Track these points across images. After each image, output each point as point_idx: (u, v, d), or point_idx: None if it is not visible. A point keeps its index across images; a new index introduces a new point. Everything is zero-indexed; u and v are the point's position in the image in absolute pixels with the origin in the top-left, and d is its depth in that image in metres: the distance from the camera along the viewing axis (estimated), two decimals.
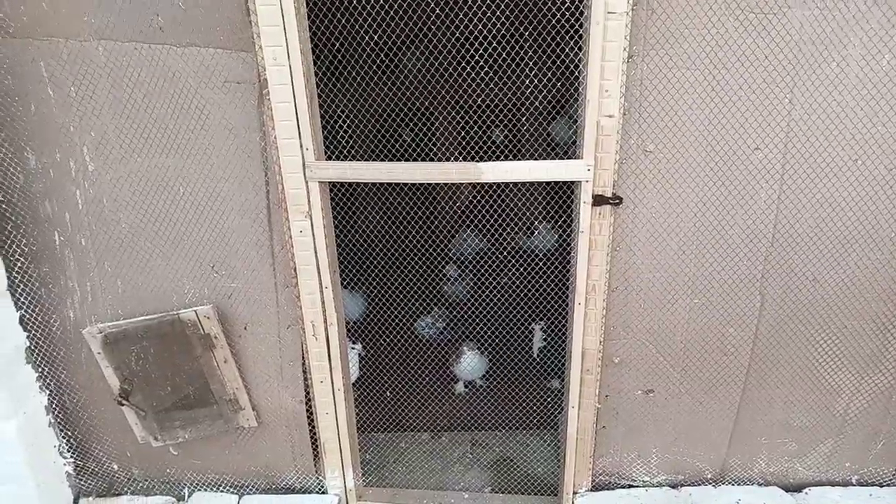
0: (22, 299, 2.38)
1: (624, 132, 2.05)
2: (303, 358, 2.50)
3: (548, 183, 3.83)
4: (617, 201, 2.13)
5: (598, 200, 2.12)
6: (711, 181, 2.12)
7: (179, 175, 2.20)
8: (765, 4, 1.90)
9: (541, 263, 3.89)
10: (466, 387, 3.71)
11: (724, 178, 2.11)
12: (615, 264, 2.26)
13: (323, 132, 2.14)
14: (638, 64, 1.98)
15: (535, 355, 3.70)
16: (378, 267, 3.47)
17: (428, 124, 3.71)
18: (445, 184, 4.84)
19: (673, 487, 2.72)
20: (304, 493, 2.78)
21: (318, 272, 2.29)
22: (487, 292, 4.00)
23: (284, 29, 1.90)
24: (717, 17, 1.91)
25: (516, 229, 4.79)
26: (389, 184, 4.36)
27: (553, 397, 3.25)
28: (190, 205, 2.25)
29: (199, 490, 2.79)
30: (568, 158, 2.10)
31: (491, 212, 4.24)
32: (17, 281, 2.34)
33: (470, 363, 3.59)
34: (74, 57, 2.07)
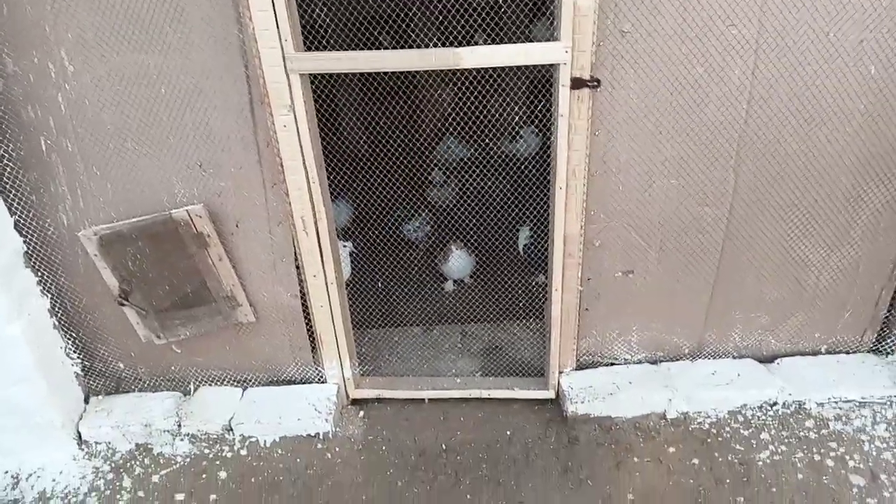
0: (15, 205, 2.39)
1: (601, 13, 2.03)
2: (295, 254, 2.55)
3: (530, 77, 3.80)
4: (595, 84, 2.14)
5: (577, 83, 2.13)
6: (687, 59, 2.13)
7: (160, 72, 2.18)
8: None
9: (525, 165, 3.92)
10: (455, 284, 3.80)
11: (699, 56, 2.12)
12: (594, 148, 2.29)
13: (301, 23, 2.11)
14: None
15: (520, 252, 3.77)
16: (363, 174, 3.48)
17: (407, 21, 3.63)
18: (427, 90, 4.78)
19: (653, 364, 2.86)
20: (304, 383, 2.90)
21: (305, 167, 2.31)
22: (472, 197, 4.04)
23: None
24: None
25: (500, 134, 4.77)
26: (371, 84, 4.31)
27: (539, 290, 3.34)
28: (173, 102, 2.24)
29: (203, 385, 2.90)
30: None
31: (474, 116, 4.21)
32: (7, 187, 2.35)
33: (457, 263, 3.66)
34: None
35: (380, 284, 3.66)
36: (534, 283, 3.63)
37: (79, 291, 2.63)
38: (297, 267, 2.60)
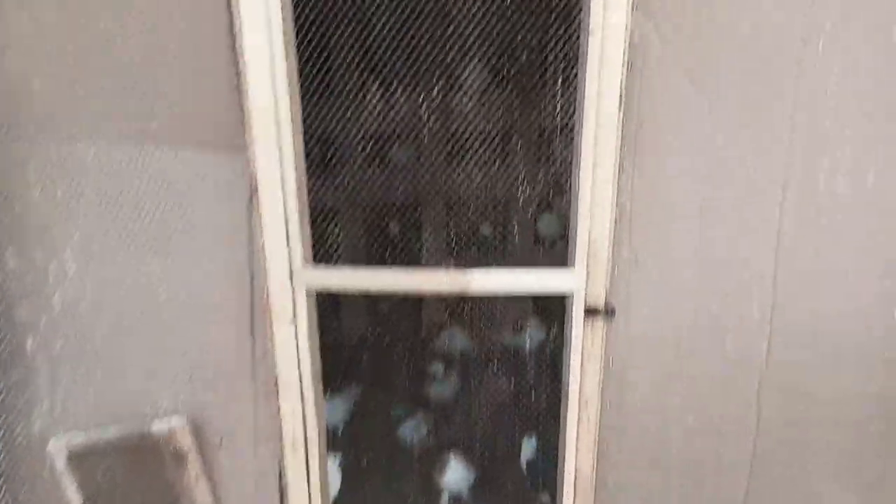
0: None
1: (615, 241, 1.99)
2: (280, 475, 2.31)
3: None
4: (610, 313, 2.04)
5: (591, 312, 2.04)
6: (704, 293, 2.06)
7: (163, 278, 2.11)
8: (753, 119, 1.90)
9: (529, 363, 3.75)
10: (452, 500, 3.47)
11: (717, 290, 2.05)
12: (608, 379, 2.14)
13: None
14: (628, 174, 1.95)
15: (523, 468, 3.49)
16: (361, 364, 3.31)
17: (415, 218, 3.66)
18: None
19: None
20: None
21: (301, 384, 2.15)
22: (473, 395, 3.83)
23: (279, 135, 1.87)
24: (707, 130, 1.91)
25: (502, 326, 4.65)
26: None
27: None
28: (171, 309, 2.14)
29: None
30: (560, 266, 2.03)
31: (476, 308, 4.12)
32: None
33: (455, 474, 3.37)
34: (65, 158, 2.02)
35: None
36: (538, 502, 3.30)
37: None
38: (281, 490, 2.34)
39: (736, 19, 1.80)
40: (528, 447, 3.58)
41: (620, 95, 1.84)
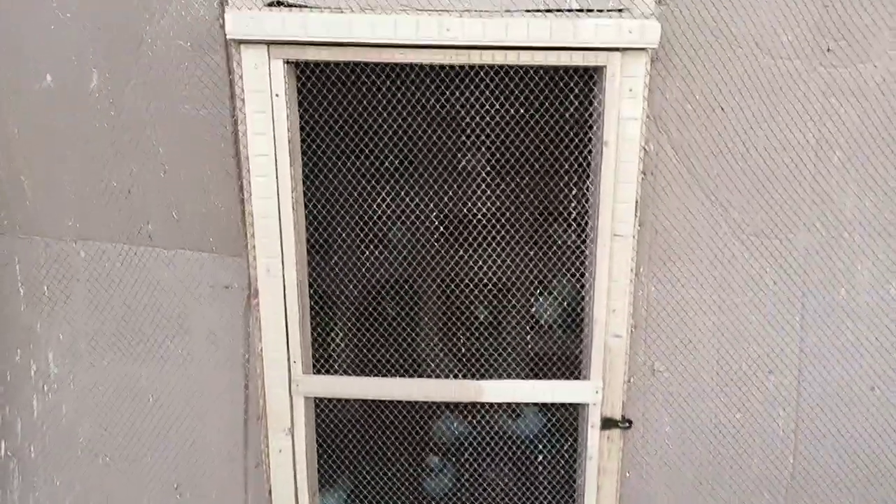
0: None
1: (632, 351, 1.90)
2: None
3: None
4: (627, 424, 1.94)
5: (607, 423, 1.93)
6: (725, 405, 1.96)
7: (152, 385, 1.99)
8: (769, 230, 1.84)
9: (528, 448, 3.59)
10: None
11: (739, 403, 1.95)
12: (626, 492, 2.02)
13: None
14: (644, 283, 1.87)
15: None
16: (355, 458, 3.15)
17: (421, 322, 3.55)
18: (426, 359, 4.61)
19: None
20: None
21: (296, 495, 2.00)
22: (472, 488, 3.64)
23: (281, 241, 1.79)
24: (722, 240, 1.84)
25: (501, 411, 4.50)
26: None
27: None
28: (159, 417, 2.01)
29: None
30: (574, 378, 1.93)
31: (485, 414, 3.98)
32: None
33: None
34: (53, 257, 1.92)
35: None
36: None
37: None
38: None
39: (750, 133, 1.76)
40: None
41: (636, 204, 1.78)
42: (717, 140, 1.77)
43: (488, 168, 1.86)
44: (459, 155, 1.86)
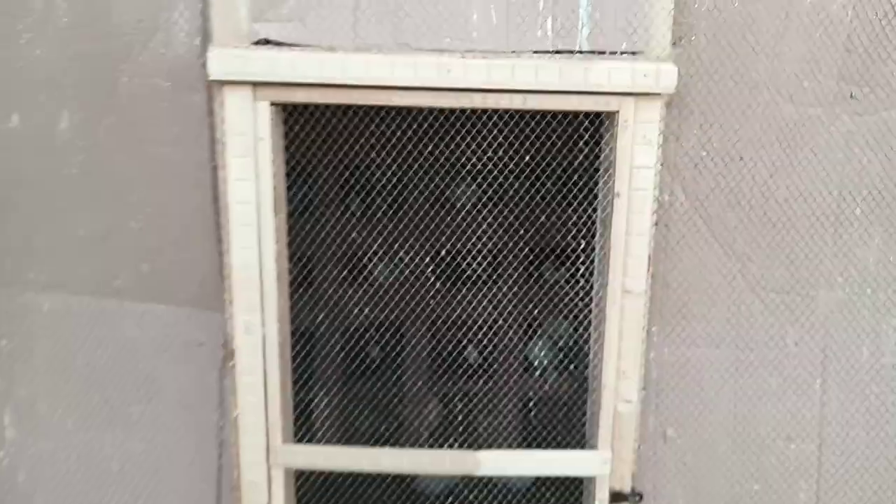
0: None
1: (641, 416, 1.75)
2: None
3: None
4: (637, 498, 1.77)
5: (616, 497, 1.76)
6: (742, 475, 1.80)
7: (117, 452, 1.81)
8: (789, 285, 1.72)
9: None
10: None
11: (757, 473, 1.80)
12: None
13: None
14: (656, 343, 1.73)
15: None
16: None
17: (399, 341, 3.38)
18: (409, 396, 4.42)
19: None
20: None
21: None
22: None
23: (262, 296, 1.63)
24: (740, 296, 1.72)
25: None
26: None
27: None
28: (124, 488, 1.82)
29: None
30: (581, 448, 1.77)
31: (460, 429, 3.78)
32: None
33: None
34: (14, 310, 1.75)
35: None
36: None
37: None
38: None
39: (770, 183, 1.65)
40: None
41: (649, 259, 1.65)
42: (735, 190, 1.66)
43: (490, 219, 1.72)
44: (459, 205, 1.73)
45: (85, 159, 1.64)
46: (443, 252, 1.76)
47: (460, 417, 1.91)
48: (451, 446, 1.82)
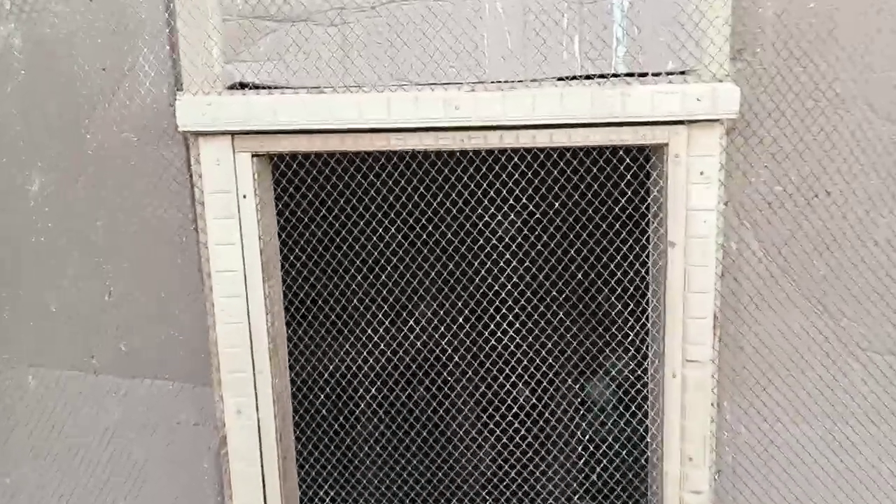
0: None
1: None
2: None
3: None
4: None
5: None
6: None
7: None
8: (894, 344, 1.38)
9: None
10: None
11: None
12: None
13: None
14: (729, 421, 1.42)
15: None
16: None
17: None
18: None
19: None
20: None
21: None
22: None
23: (254, 377, 1.40)
24: (832, 359, 1.40)
25: None
26: None
27: None
28: None
29: None
30: None
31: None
32: None
33: None
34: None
35: None
36: None
37: None
38: None
39: (866, 222, 1.33)
40: None
41: (714, 320, 1.34)
42: (822, 232, 1.33)
43: (513, 278, 1.45)
44: (477, 263, 1.47)
45: (55, 226, 1.46)
46: (460, 319, 1.50)
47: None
48: None
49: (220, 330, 1.41)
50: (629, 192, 1.36)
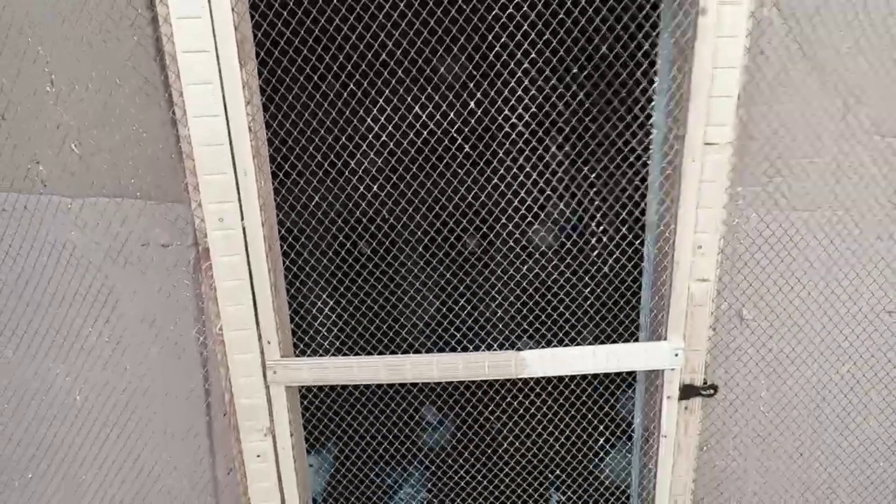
0: None
1: (717, 297, 1.49)
2: None
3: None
4: (710, 391, 1.54)
5: (686, 392, 1.53)
6: (835, 355, 1.56)
7: (76, 384, 1.50)
8: None
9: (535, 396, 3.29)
10: None
11: (852, 350, 1.56)
12: (702, 469, 1.65)
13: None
14: (741, 208, 1.43)
15: None
16: (342, 414, 2.78)
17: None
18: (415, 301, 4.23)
19: None
20: None
21: None
22: (475, 445, 3.33)
23: (236, 178, 1.27)
24: (849, 143, 1.40)
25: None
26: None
27: None
28: (90, 425, 1.53)
29: None
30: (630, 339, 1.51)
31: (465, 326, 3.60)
32: None
33: None
34: None
35: None
36: None
37: None
38: None
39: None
40: None
41: (738, 99, 1.30)
42: (846, 6, 1.28)
43: (530, 56, 1.35)
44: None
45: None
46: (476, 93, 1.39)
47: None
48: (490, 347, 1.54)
49: (192, 126, 1.25)
50: None
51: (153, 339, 1.47)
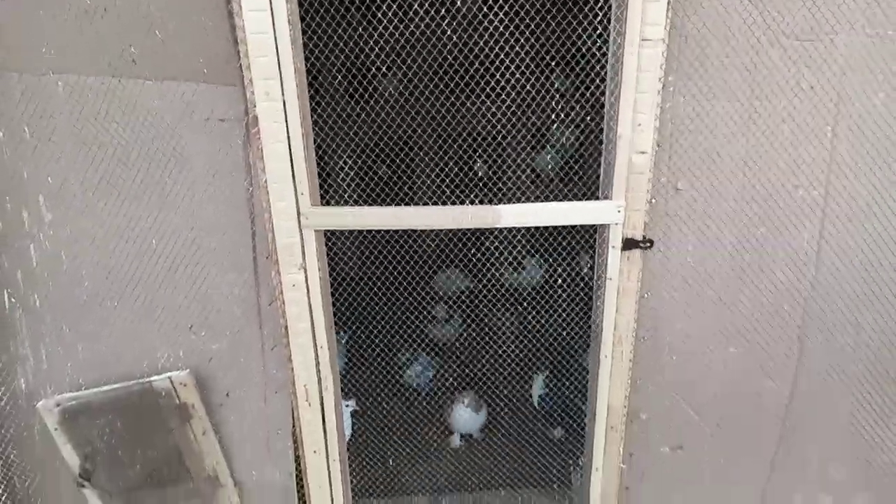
0: None
1: (655, 169, 1.92)
2: (293, 426, 2.28)
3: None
4: (648, 244, 1.99)
5: (628, 244, 1.98)
6: (750, 220, 2.00)
7: (153, 226, 1.99)
8: (810, 30, 1.79)
9: (531, 300, 3.76)
10: (463, 440, 3.52)
11: (763, 218, 2.00)
12: (643, 313, 2.12)
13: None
14: (672, 95, 1.85)
15: (535, 404, 3.53)
16: (357, 303, 3.27)
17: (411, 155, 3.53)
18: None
19: None
20: None
21: (313, 330, 2.09)
22: (479, 336, 3.83)
23: (279, 60, 1.72)
24: (760, 42, 1.80)
25: (502, 265, 4.62)
26: None
27: (559, 449, 3.08)
28: (164, 258, 2.04)
29: None
30: (594, 198, 1.96)
31: (473, 246, 4.06)
32: None
33: (464, 415, 3.41)
34: (30, 94, 1.85)
35: (383, 456, 3.36)
36: (551, 439, 3.37)
37: (30, 469, 2.31)
38: (295, 441, 2.32)
39: None
40: (540, 384, 3.62)
41: (668, 4, 1.71)
42: None
43: None
44: None
45: None
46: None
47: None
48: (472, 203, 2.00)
49: (247, 17, 1.69)
50: None
51: (215, 191, 1.95)
